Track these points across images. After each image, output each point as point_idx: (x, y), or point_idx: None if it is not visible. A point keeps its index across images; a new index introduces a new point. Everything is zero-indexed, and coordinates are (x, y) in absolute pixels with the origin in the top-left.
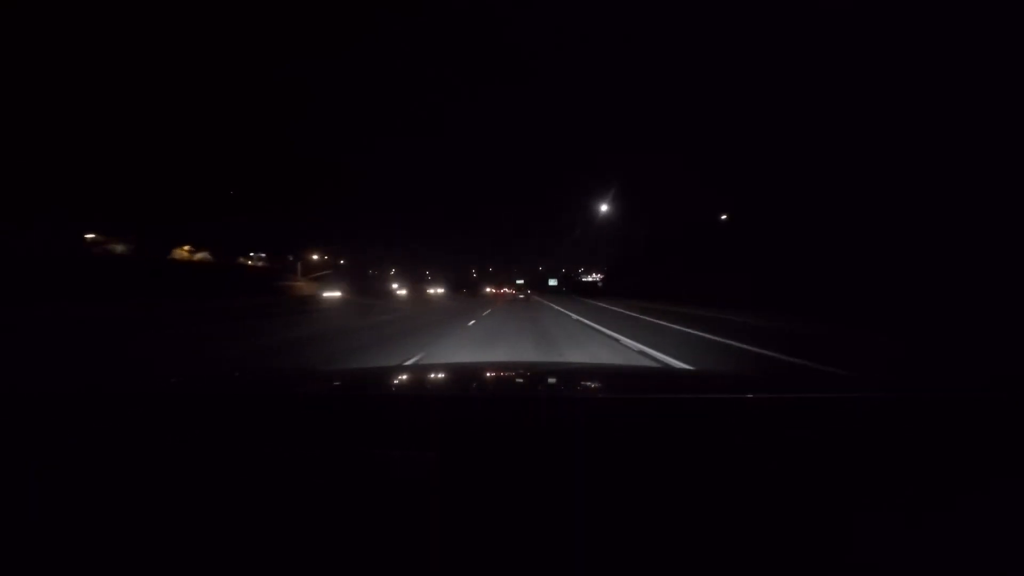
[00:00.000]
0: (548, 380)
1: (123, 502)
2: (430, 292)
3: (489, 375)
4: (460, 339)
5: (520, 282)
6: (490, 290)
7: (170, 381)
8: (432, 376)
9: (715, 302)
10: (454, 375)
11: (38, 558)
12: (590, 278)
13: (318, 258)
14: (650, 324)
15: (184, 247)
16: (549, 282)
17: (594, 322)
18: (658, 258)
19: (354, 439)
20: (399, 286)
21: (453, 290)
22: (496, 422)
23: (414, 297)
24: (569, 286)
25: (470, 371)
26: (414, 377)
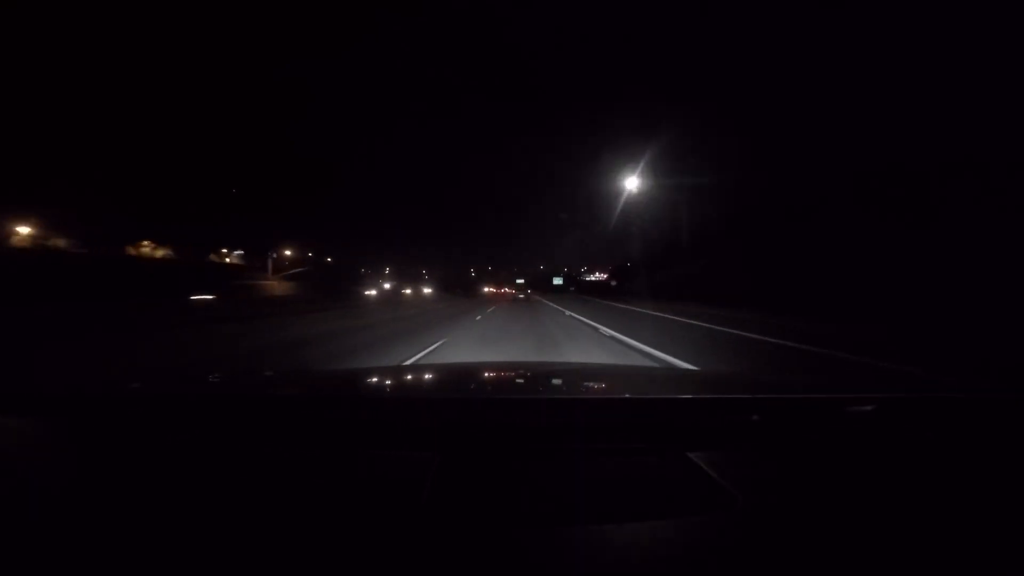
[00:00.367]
0: (549, 380)
1: (123, 504)
2: (407, 292)
3: (491, 375)
4: None
5: (520, 281)
6: (490, 290)
7: (178, 382)
8: (434, 376)
9: (779, 306)
10: (456, 375)
11: (37, 558)
12: (593, 278)
13: (292, 254)
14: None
15: (143, 243)
16: (554, 281)
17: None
18: (681, 254)
19: (355, 440)
20: (372, 287)
21: (444, 290)
22: (497, 423)
23: (385, 299)
24: (577, 286)
25: (472, 371)
26: (416, 377)
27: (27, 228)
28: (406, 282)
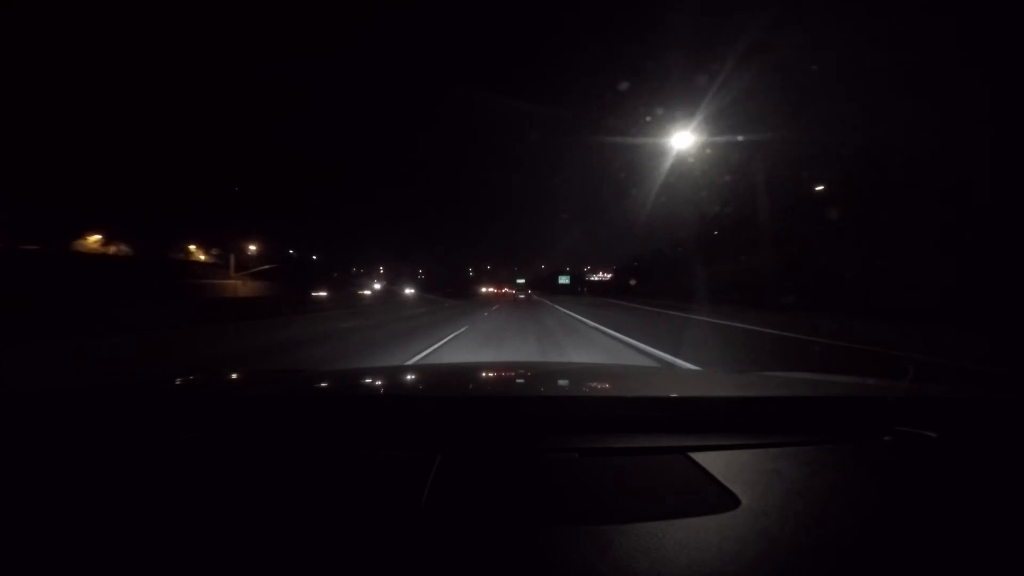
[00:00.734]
0: (550, 379)
1: (122, 502)
2: (365, 293)
3: (492, 374)
4: None
5: (520, 281)
6: (489, 290)
7: (173, 381)
8: (434, 375)
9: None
10: (457, 374)
11: (35, 558)
12: (596, 277)
13: (261, 250)
14: None
15: (91, 237)
16: (559, 280)
17: None
18: (744, 242)
19: (355, 439)
20: (363, 287)
21: (434, 290)
22: (498, 421)
23: (340, 300)
24: (586, 286)
25: (473, 370)
26: (416, 376)
27: None
28: (401, 282)
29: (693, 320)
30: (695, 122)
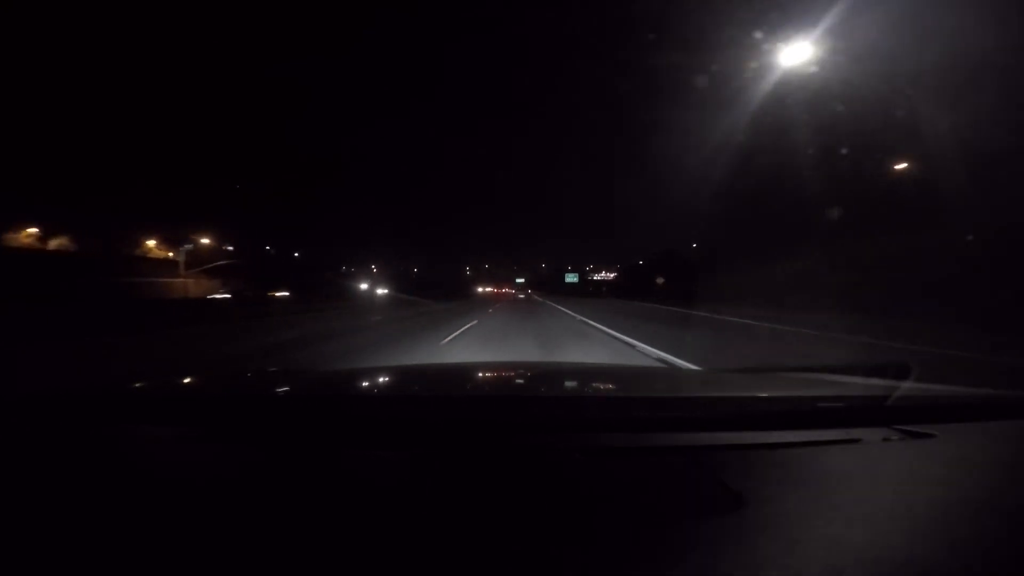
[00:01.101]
0: (552, 379)
1: (112, 503)
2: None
3: (493, 374)
4: None
5: (520, 281)
6: (488, 290)
7: (146, 384)
8: (433, 376)
9: None
10: (456, 374)
11: (34, 558)
12: (599, 277)
13: (215, 245)
14: None
15: (25, 230)
16: (566, 279)
17: None
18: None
19: (352, 440)
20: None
21: (420, 291)
22: (499, 422)
23: (313, 301)
24: (590, 285)
25: (473, 370)
26: (415, 377)
27: None
28: (381, 282)
29: None
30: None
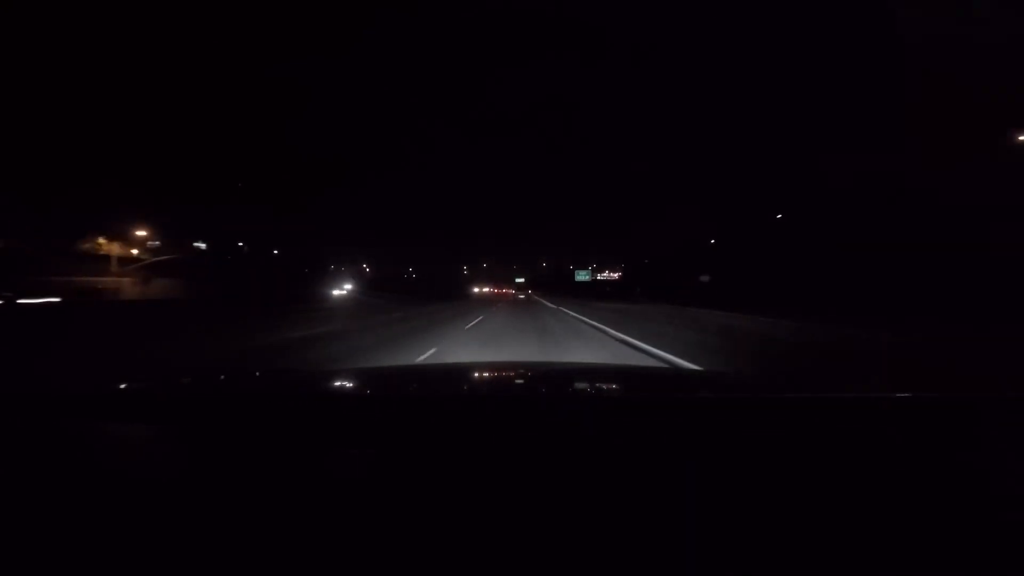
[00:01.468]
0: (549, 380)
1: (107, 501)
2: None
3: (489, 375)
4: None
5: (520, 280)
6: (485, 290)
7: (121, 384)
8: (433, 376)
9: None
10: (454, 374)
11: (33, 559)
12: (602, 276)
13: (146, 235)
14: None
15: None
16: (577, 276)
17: None
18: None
19: (355, 441)
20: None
21: (395, 293)
22: (501, 423)
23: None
24: (598, 286)
25: (469, 371)
26: (416, 377)
27: None
28: (348, 279)
29: None
30: None
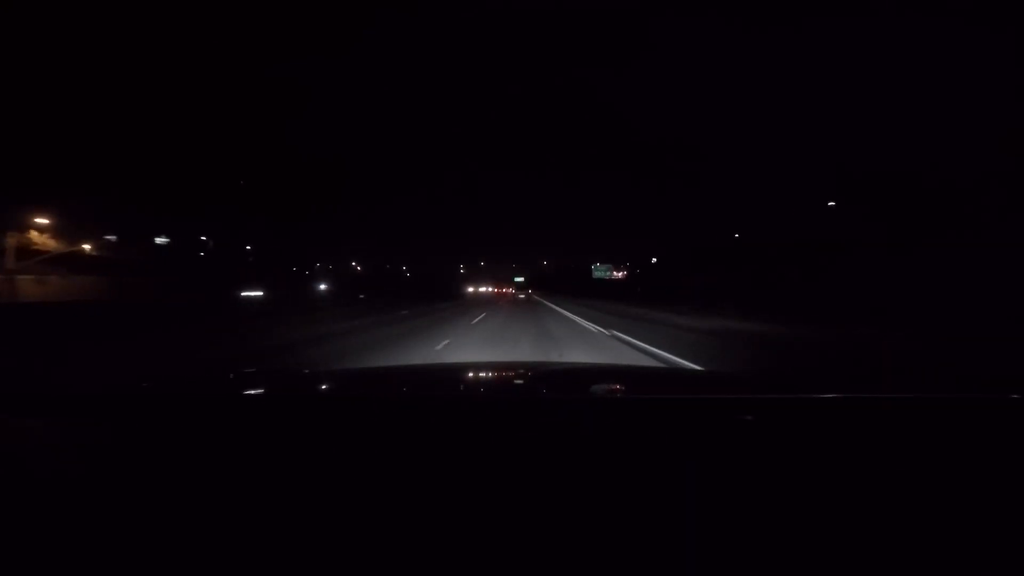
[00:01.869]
0: (549, 380)
1: (118, 504)
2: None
3: (489, 375)
4: None
5: (519, 280)
6: (483, 289)
7: (141, 383)
8: (432, 376)
9: None
10: (454, 375)
11: (33, 558)
12: (609, 275)
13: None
14: None
15: None
16: (595, 273)
17: None
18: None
19: (356, 442)
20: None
21: (363, 291)
22: (500, 423)
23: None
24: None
25: (468, 371)
26: (416, 377)
27: None
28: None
29: None
30: None
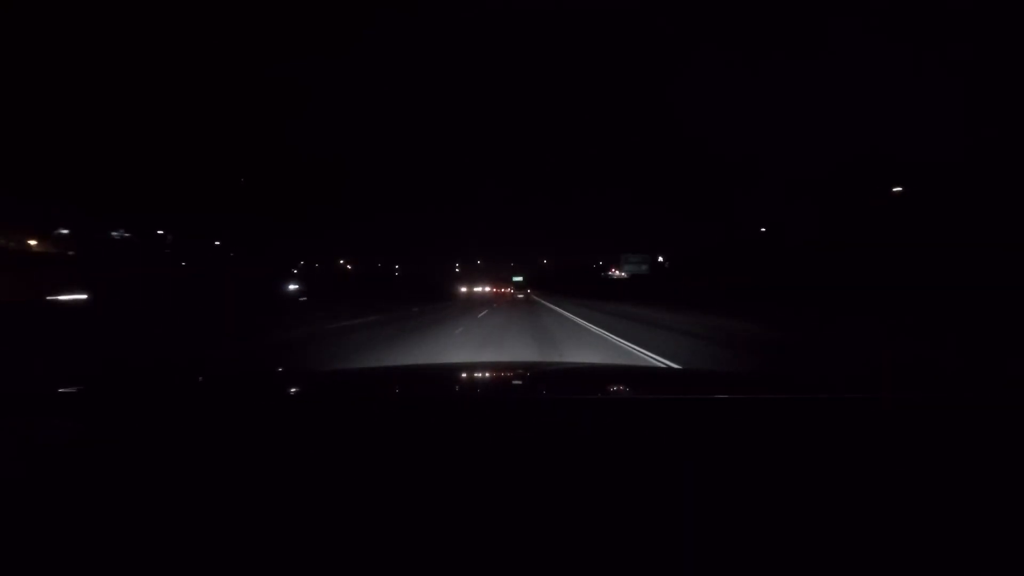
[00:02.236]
0: (548, 381)
1: (121, 502)
2: None
3: (488, 375)
4: None
5: (518, 279)
6: (478, 289)
7: (144, 382)
8: (431, 376)
9: None
10: (453, 375)
11: (33, 558)
12: (613, 274)
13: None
14: None
15: None
16: (626, 266)
17: None
18: None
19: (355, 441)
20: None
21: (345, 291)
22: (499, 423)
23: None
24: (600, 287)
25: (467, 371)
26: (415, 377)
27: None
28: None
29: None
30: None
